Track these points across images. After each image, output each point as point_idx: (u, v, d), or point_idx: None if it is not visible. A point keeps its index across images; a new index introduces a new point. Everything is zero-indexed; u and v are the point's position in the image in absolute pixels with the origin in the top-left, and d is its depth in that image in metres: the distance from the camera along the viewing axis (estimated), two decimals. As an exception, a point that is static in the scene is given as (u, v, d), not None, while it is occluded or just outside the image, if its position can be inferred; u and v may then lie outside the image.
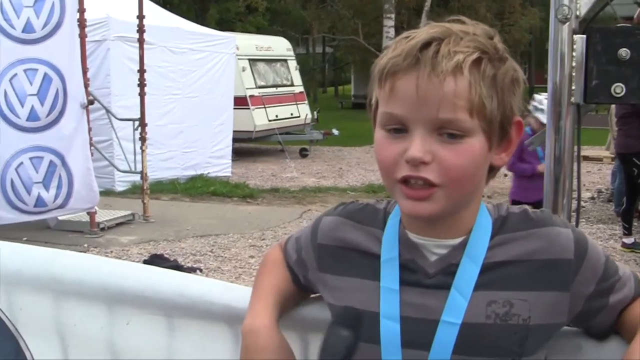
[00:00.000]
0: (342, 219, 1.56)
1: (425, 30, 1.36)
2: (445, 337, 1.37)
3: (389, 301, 1.43)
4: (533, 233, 1.41)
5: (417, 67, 1.31)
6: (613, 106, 9.58)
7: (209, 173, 14.34)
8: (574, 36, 2.07)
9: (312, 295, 1.69)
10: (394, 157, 1.34)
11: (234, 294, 1.78)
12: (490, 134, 1.35)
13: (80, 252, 4.23)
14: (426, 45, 1.32)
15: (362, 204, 1.59)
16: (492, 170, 1.43)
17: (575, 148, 2.15)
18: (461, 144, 1.32)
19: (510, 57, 1.41)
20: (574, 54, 2.07)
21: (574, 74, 2.07)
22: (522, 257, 1.39)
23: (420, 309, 1.40)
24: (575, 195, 2.21)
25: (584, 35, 2.06)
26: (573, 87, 2.08)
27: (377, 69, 1.38)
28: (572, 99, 2.08)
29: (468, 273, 1.39)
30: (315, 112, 21.31)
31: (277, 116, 18.87)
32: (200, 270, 7.61)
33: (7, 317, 2.03)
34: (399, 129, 1.34)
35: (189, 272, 5.83)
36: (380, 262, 1.47)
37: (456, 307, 1.38)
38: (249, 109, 17.87)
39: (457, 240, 1.42)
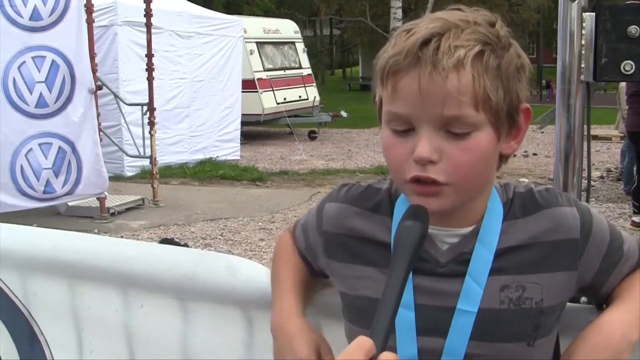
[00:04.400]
0: (347, 205, 1.53)
1: (425, 25, 1.31)
2: (462, 324, 1.37)
3: None
4: (540, 215, 1.41)
5: (418, 65, 1.27)
6: (622, 85, 9.54)
7: (217, 157, 14.36)
8: (583, 14, 2.05)
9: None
10: (403, 157, 1.32)
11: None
12: (498, 125, 1.32)
13: (92, 237, 4.23)
14: (426, 42, 1.28)
15: (363, 186, 1.55)
16: (502, 158, 1.40)
17: (585, 127, 2.14)
18: (468, 139, 1.29)
19: (515, 42, 1.37)
20: (583, 32, 2.05)
21: (583, 52, 2.06)
22: (532, 240, 1.39)
23: (435, 297, 1.39)
24: (585, 174, 2.21)
25: (594, 13, 2.05)
26: (582, 65, 2.07)
27: (379, 67, 1.34)
28: (582, 77, 2.07)
29: (482, 260, 1.39)
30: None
31: (285, 99, 18.85)
32: (211, 254, 7.61)
33: (21, 302, 2.04)
34: (406, 129, 1.32)
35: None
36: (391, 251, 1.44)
37: (472, 295, 1.37)
38: (257, 92, 17.85)
39: (468, 229, 1.41)
